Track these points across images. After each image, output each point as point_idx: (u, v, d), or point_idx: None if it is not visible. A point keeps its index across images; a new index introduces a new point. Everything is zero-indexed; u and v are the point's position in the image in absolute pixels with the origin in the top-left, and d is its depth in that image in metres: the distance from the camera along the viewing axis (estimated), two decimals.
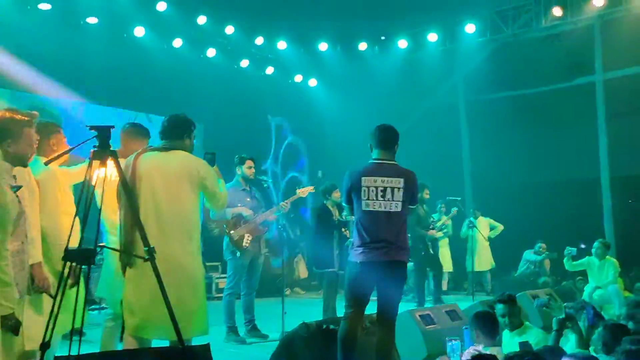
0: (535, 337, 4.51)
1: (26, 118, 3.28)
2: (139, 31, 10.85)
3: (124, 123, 4.68)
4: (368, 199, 4.30)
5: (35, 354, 3.48)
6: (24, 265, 3.30)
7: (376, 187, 4.30)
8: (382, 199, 4.29)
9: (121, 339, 3.68)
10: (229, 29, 11.92)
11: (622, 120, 12.58)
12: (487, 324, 4.47)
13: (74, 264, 3.20)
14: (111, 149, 3.23)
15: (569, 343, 4.40)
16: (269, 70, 13.19)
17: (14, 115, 3.25)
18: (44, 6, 9.64)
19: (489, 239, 11.42)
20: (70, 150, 3.51)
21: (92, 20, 10.22)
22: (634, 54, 12.12)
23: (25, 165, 3.34)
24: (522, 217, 11.96)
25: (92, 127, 3.24)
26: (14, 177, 3.23)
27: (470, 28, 12.41)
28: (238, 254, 6.48)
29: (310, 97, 13.86)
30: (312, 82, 13.84)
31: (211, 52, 12.06)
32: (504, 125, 12.81)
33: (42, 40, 9.19)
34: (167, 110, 4.23)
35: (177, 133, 3.84)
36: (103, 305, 6.94)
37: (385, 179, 4.32)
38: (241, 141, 9.65)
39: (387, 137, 4.46)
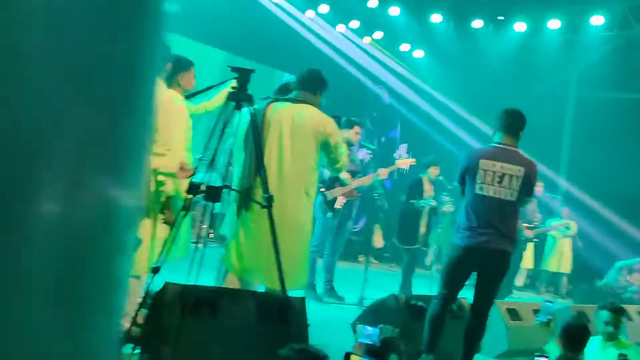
0: (635, 353, 4.29)
1: None
2: None
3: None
4: (484, 182, 4.17)
5: (139, 277, 3.63)
6: None
7: (494, 172, 4.17)
8: (498, 184, 4.16)
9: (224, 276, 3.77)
10: None
11: None
12: (577, 339, 4.10)
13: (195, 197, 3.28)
14: (248, 93, 3.25)
15: None
16: (377, 35, 12.98)
17: None
18: None
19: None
20: (211, 88, 3.56)
21: None
22: None
23: None
24: (613, 228, 11.42)
25: (233, 69, 3.26)
26: None
27: (597, 20, 11.68)
28: (329, 214, 6.51)
29: (415, 68, 13.59)
30: (419, 53, 13.52)
31: (323, 8, 11.96)
32: (613, 129, 12.12)
33: None
34: (267, 59, 4.22)
35: (312, 87, 3.83)
36: None
37: (505, 165, 4.17)
38: (339, 102, 9.61)
39: (514, 122, 4.30)
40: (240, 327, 3.18)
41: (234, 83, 3.23)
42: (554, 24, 12.07)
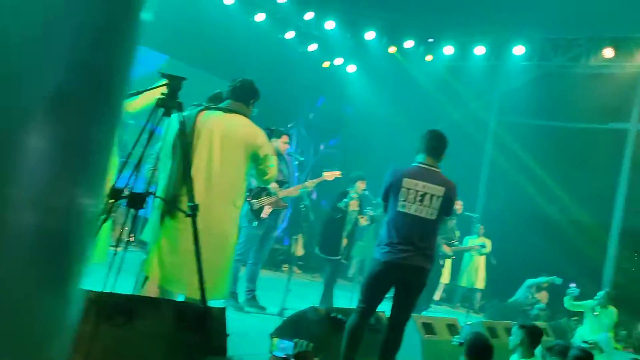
0: None
1: None
2: None
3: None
4: (406, 200, 4.30)
5: None
6: None
7: (416, 191, 4.31)
8: (419, 203, 4.30)
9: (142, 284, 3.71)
10: None
11: None
12: (481, 355, 4.25)
13: (116, 202, 3.22)
14: (178, 100, 3.23)
15: None
16: (312, 47, 13.13)
17: None
18: None
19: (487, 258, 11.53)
20: (141, 92, 3.50)
21: None
22: None
23: None
24: (525, 246, 11.98)
25: (164, 75, 3.24)
26: None
27: (519, 49, 12.31)
28: (255, 223, 6.50)
29: (346, 82, 13.82)
30: (351, 68, 13.77)
31: (260, 17, 11.99)
32: (529, 153, 12.80)
33: None
34: (203, 64, 4.23)
35: (244, 97, 3.83)
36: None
37: (427, 184, 4.32)
38: (272, 111, 9.65)
39: (437, 145, 4.47)
40: (158, 336, 3.13)
41: (164, 89, 3.19)
42: (479, 49, 12.63)
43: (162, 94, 3.22)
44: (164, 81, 3.22)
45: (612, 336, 8.43)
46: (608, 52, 11.78)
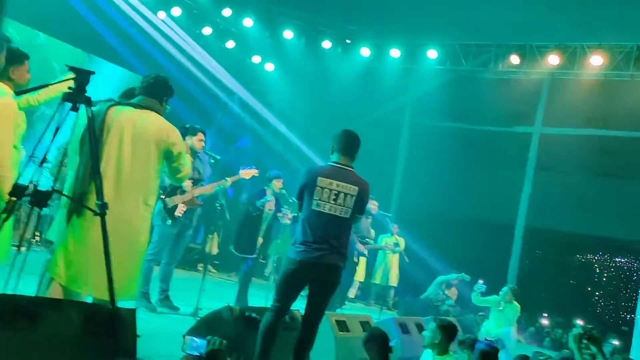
0: None
1: None
2: None
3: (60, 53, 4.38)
4: (320, 199, 4.34)
5: None
6: None
7: (330, 190, 4.36)
8: (333, 202, 4.35)
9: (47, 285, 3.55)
10: None
11: (548, 175, 13.32)
12: (380, 347, 4.37)
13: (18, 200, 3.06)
14: (86, 94, 3.11)
15: None
16: (230, 44, 13.01)
17: None
18: None
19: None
20: (46, 86, 3.34)
21: None
22: (572, 116, 12.87)
23: None
24: (437, 245, 12.41)
25: (71, 68, 3.11)
26: None
27: (432, 54, 12.74)
28: (168, 222, 6.36)
29: (264, 80, 13.79)
30: (269, 67, 13.76)
31: (176, 11, 11.75)
32: (440, 155, 13.26)
33: None
34: (113, 57, 4.12)
35: (157, 94, 3.72)
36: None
37: (341, 183, 4.38)
38: (187, 108, 9.51)
39: (351, 144, 4.52)
40: (63, 341, 3.00)
41: (71, 83, 3.06)
42: (395, 52, 12.96)
43: (70, 88, 3.09)
44: (70, 74, 3.09)
45: (515, 329, 8.87)
46: (514, 59, 12.40)
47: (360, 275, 11.34)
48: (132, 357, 3.07)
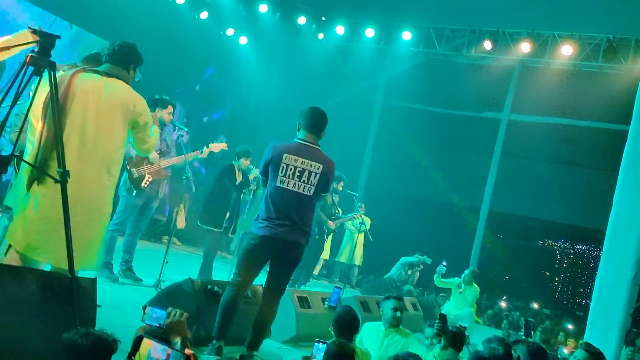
0: (415, 340, 4.74)
1: None
2: None
3: (40, 23, 4.29)
4: (284, 176, 4.35)
5: None
6: None
7: (295, 167, 4.36)
8: (297, 179, 4.36)
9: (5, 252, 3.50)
10: None
11: (514, 161, 13.55)
12: (348, 326, 4.19)
13: None
14: (51, 59, 3.05)
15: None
16: (203, 14, 12.80)
17: None
18: None
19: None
20: (7, 49, 3.26)
21: None
22: (540, 104, 13.08)
23: None
24: (402, 226, 12.57)
25: (34, 31, 3.04)
26: None
27: (406, 35, 12.76)
28: (134, 192, 6.31)
29: (237, 53, 13.64)
30: (243, 40, 13.60)
31: None
32: (410, 136, 13.38)
33: None
34: (88, 24, 3.99)
35: (124, 62, 3.65)
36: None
37: (306, 161, 4.39)
38: (161, 78, 9.35)
39: (317, 122, 4.51)
40: (20, 308, 2.98)
41: (35, 46, 3.00)
42: (369, 32, 12.93)
43: (33, 51, 3.02)
44: (29, 36, 3.01)
45: (474, 311, 9.09)
46: (487, 45, 12.50)
47: (325, 253, 11.43)
48: (91, 326, 3.07)
